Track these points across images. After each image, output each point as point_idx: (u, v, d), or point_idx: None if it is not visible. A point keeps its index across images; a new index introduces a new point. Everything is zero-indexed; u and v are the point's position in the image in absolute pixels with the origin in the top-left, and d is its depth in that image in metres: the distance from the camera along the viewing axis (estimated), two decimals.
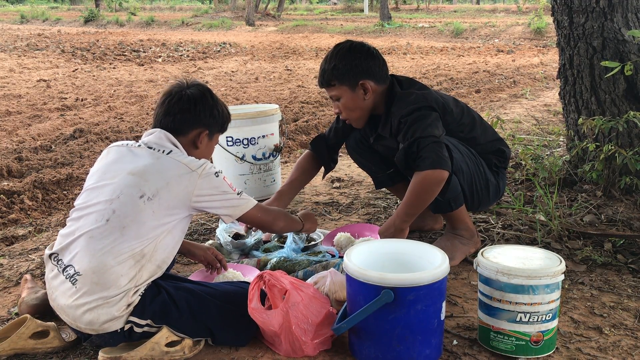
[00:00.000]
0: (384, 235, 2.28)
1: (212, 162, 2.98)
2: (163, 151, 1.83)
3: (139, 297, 1.73)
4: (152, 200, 1.74)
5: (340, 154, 4.61)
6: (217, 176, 1.86)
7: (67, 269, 1.73)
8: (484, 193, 2.42)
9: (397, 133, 2.27)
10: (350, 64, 2.30)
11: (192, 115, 1.92)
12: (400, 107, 2.27)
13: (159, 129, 1.90)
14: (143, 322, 1.73)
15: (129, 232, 1.71)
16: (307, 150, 2.69)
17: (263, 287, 1.76)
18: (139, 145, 1.87)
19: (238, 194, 1.92)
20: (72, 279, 1.71)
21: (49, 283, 1.79)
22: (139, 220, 1.73)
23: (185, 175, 1.79)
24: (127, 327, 1.72)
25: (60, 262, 1.76)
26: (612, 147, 2.66)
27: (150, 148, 1.84)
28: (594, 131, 2.71)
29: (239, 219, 1.98)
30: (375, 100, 2.35)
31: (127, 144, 1.90)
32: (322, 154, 2.66)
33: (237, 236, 2.55)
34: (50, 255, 1.80)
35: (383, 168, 2.66)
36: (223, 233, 2.56)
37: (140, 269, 1.73)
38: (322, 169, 2.71)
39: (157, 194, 1.75)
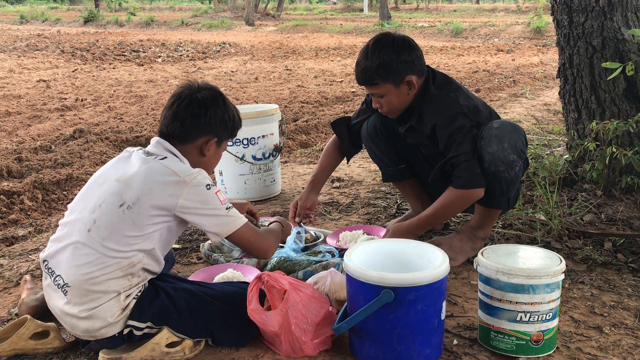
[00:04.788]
0: (397, 232, 2.28)
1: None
2: (156, 157, 1.76)
3: (134, 300, 1.71)
4: (132, 208, 1.67)
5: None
6: (209, 189, 1.74)
7: (57, 278, 1.71)
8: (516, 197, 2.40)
9: (431, 136, 2.27)
10: (395, 60, 2.21)
11: (202, 121, 1.82)
12: (434, 111, 2.24)
13: (157, 138, 1.84)
14: (142, 324, 1.72)
15: (110, 245, 1.66)
16: (333, 135, 2.70)
17: (262, 287, 1.76)
18: (139, 151, 1.82)
19: (227, 209, 1.77)
20: (62, 289, 1.70)
21: (45, 290, 1.79)
22: (118, 231, 1.66)
23: (172, 183, 1.70)
24: (126, 331, 1.71)
25: (50, 271, 1.74)
26: (615, 148, 2.65)
27: (146, 155, 1.79)
28: (608, 134, 2.69)
29: (229, 239, 1.83)
30: (415, 94, 2.29)
31: (131, 150, 1.85)
32: (343, 138, 2.67)
33: None
34: (43, 262, 1.79)
35: (395, 162, 2.62)
36: None
37: (130, 278, 1.70)
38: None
39: (138, 201, 1.67)
